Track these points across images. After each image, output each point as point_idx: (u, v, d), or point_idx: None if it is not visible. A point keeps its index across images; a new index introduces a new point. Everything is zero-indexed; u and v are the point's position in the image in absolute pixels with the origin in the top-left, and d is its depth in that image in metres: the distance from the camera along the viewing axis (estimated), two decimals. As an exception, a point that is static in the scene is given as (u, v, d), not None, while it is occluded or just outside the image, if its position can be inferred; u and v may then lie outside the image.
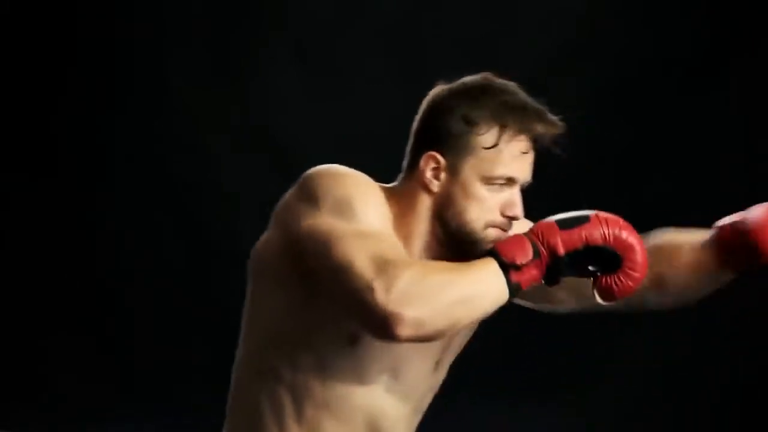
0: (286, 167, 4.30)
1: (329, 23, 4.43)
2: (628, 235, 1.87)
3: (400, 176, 2.03)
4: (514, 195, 1.96)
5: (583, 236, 1.85)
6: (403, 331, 1.78)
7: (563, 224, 1.86)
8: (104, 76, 4.46)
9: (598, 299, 1.93)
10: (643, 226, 1.84)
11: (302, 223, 1.88)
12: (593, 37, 4.31)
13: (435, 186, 1.96)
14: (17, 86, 4.45)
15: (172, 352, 4.40)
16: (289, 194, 1.95)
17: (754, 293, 4.22)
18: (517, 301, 2.03)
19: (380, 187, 1.99)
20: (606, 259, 1.87)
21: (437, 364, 2.06)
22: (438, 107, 1.99)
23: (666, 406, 4.30)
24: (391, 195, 1.99)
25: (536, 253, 1.84)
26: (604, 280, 1.90)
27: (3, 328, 4.41)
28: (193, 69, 4.44)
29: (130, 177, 4.46)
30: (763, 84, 4.24)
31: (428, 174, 1.96)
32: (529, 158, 1.97)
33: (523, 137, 1.95)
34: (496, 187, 1.95)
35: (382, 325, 1.78)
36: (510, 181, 1.95)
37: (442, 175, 1.96)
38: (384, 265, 1.80)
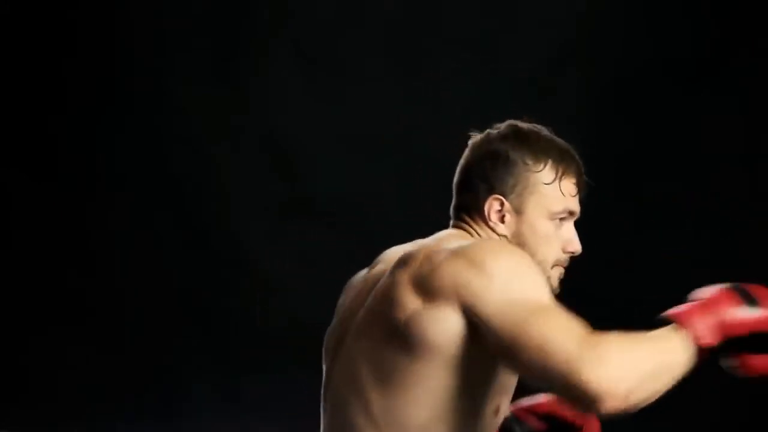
0: (287, 168, 4.33)
1: (329, 23, 4.43)
2: None
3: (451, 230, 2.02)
4: (571, 231, 2.02)
5: (753, 324, 1.78)
6: (614, 404, 1.73)
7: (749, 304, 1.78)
8: (104, 77, 4.46)
9: (733, 371, 1.86)
10: (643, 226, 1.82)
11: (485, 302, 1.79)
12: (593, 37, 4.31)
13: (501, 229, 2.00)
14: (17, 86, 4.45)
15: (171, 351, 4.40)
16: (454, 267, 1.83)
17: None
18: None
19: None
20: (760, 341, 1.81)
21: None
22: (488, 153, 2.02)
23: (672, 408, 4.29)
24: None
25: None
26: (748, 358, 1.83)
27: (3, 328, 4.41)
28: (194, 70, 4.44)
29: (130, 177, 4.45)
30: (763, 84, 4.24)
31: (494, 217, 1.99)
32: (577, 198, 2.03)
33: (572, 175, 2.02)
34: (557, 222, 1.99)
35: (593, 400, 1.72)
36: (570, 214, 2.01)
37: (507, 217, 1.99)
38: (586, 341, 1.73)
